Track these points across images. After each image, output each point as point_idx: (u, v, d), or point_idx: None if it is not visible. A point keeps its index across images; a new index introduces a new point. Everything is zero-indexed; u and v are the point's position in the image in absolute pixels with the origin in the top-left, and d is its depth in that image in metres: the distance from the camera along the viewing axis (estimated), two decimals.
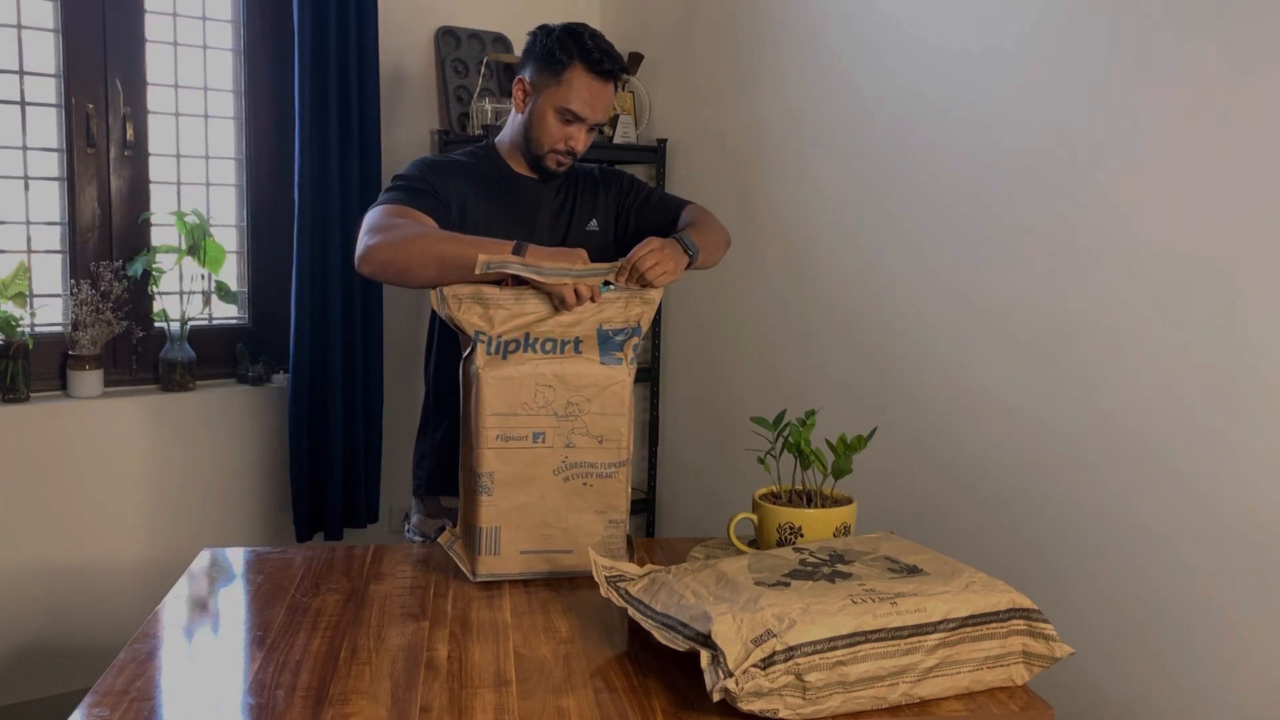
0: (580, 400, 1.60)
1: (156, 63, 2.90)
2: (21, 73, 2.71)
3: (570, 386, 1.60)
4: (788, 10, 2.81)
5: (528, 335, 1.60)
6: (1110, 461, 2.02)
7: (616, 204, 2.07)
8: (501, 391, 1.57)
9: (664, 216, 2.06)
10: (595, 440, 1.61)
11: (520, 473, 1.60)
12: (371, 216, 1.77)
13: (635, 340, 1.66)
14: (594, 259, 1.86)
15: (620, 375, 1.62)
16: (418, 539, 2.07)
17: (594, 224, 2.05)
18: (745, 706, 1.18)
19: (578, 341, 1.62)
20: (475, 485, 1.60)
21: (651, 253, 1.69)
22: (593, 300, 1.63)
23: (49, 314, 2.82)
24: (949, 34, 2.33)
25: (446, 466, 1.98)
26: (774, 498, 1.67)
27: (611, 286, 1.67)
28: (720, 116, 3.08)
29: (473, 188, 1.94)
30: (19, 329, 2.69)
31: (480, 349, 1.59)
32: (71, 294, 2.77)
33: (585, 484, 1.62)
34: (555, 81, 1.89)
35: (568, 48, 1.88)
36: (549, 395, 1.59)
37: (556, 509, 1.62)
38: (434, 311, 1.99)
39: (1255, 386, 1.78)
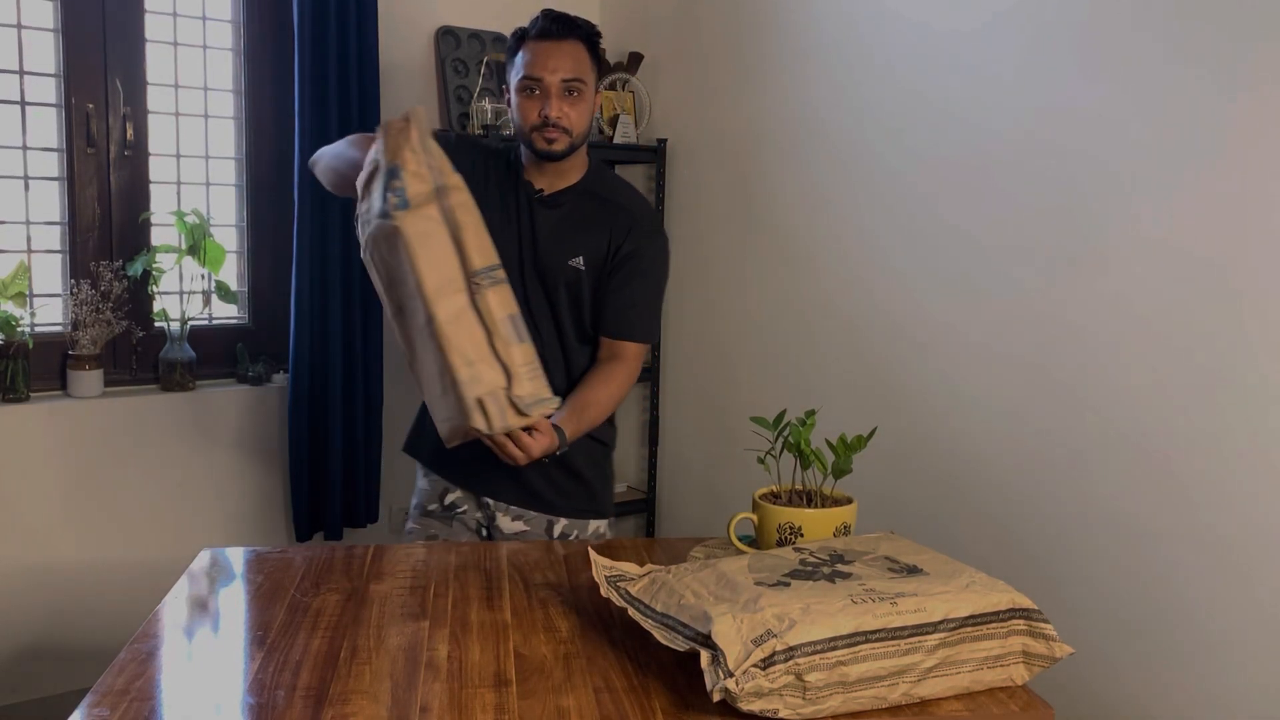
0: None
1: (156, 63, 2.89)
2: (21, 73, 2.71)
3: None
4: (788, 10, 2.81)
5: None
6: (1109, 462, 2.02)
7: (608, 252, 1.95)
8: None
9: (613, 310, 1.96)
10: None
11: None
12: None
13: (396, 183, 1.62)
14: (570, 293, 1.95)
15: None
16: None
17: (579, 261, 1.95)
18: (745, 706, 1.18)
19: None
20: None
21: (523, 451, 1.73)
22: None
23: (49, 314, 2.82)
24: (949, 32, 2.33)
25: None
26: (774, 498, 1.67)
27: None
28: (720, 116, 3.08)
29: (476, 176, 1.92)
30: (19, 329, 2.69)
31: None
32: (71, 294, 2.77)
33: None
34: (513, 65, 1.92)
35: (516, 34, 1.93)
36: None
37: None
38: None
39: (1252, 388, 1.78)
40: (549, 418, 1.76)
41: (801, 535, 1.59)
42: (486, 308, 1.61)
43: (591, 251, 1.95)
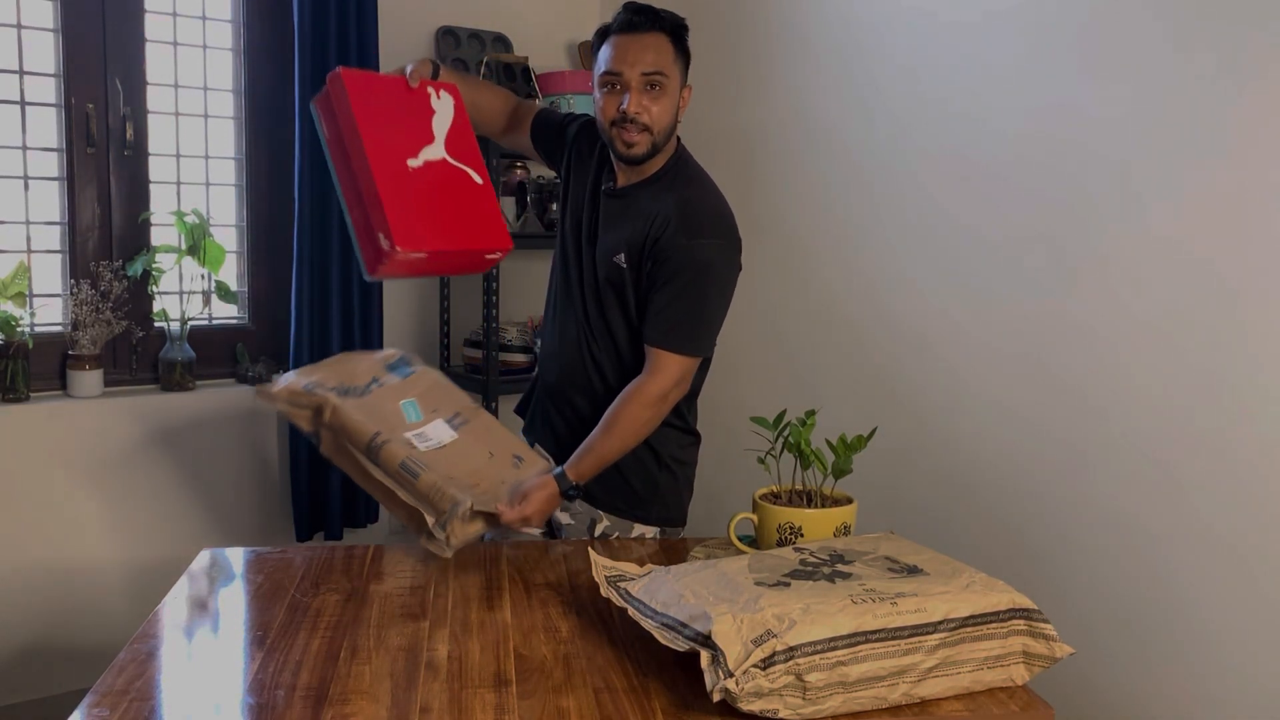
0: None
1: (156, 63, 2.89)
2: (21, 73, 2.71)
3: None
4: (788, 10, 2.81)
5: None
6: (1110, 462, 2.02)
7: (646, 246, 1.86)
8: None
9: (648, 315, 1.86)
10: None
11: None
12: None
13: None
14: (612, 290, 1.93)
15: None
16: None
17: (621, 258, 1.89)
18: (745, 707, 1.18)
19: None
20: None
21: (522, 518, 1.73)
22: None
23: (49, 314, 2.82)
24: (951, 30, 2.33)
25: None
26: (774, 498, 1.67)
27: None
28: (720, 116, 3.08)
29: (575, 160, 2.02)
30: (19, 329, 2.69)
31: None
32: (71, 294, 2.77)
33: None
34: (597, 62, 1.89)
35: (600, 30, 1.90)
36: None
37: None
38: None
39: (1254, 389, 1.78)
40: (551, 471, 1.83)
41: (801, 535, 1.59)
42: (381, 471, 1.70)
43: (631, 247, 1.87)
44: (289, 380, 1.78)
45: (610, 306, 1.93)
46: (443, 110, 1.86)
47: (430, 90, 1.87)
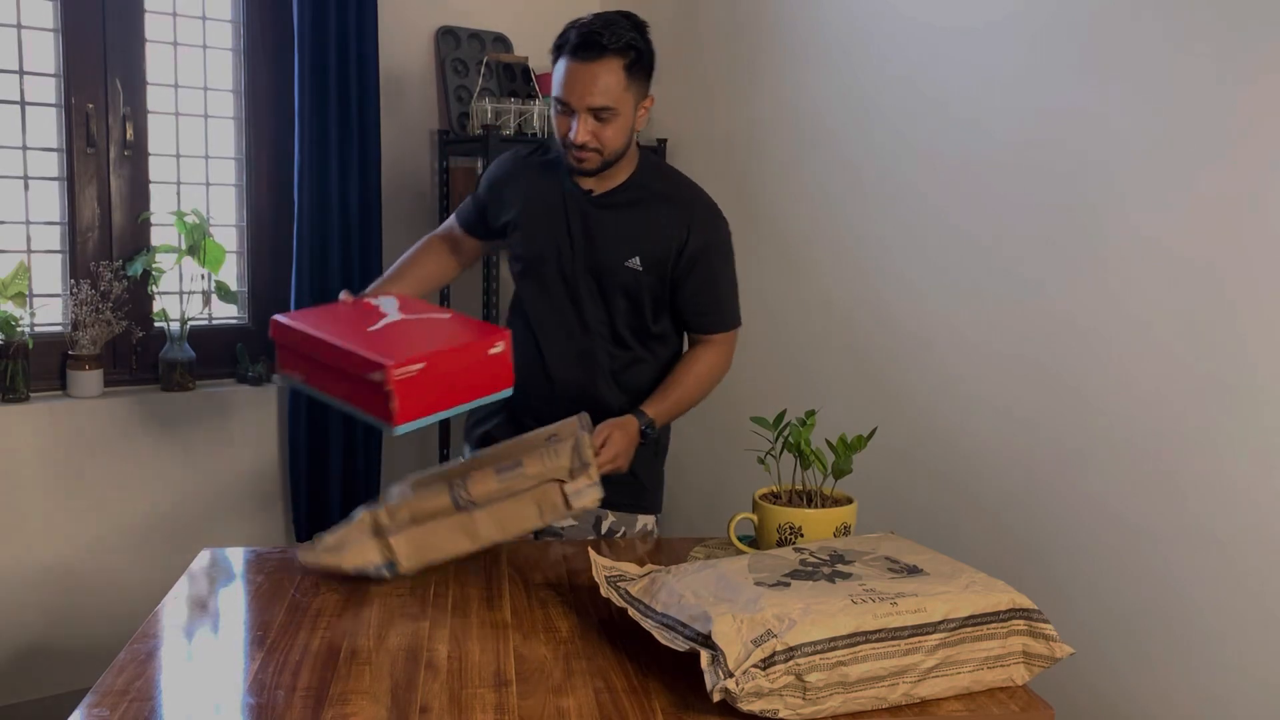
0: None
1: (156, 63, 2.89)
2: (21, 73, 2.71)
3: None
4: (787, 10, 2.81)
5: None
6: (1110, 462, 2.02)
7: (671, 253, 1.92)
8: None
9: (693, 311, 1.97)
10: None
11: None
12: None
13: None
14: (627, 296, 1.94)
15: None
16: None
17: (635, 262, 1.92)
18: (745, 707, 1.18)
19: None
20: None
21: (613, 459, 1.77)
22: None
23: (49, 314, 2.82)
24: (950, 32, 2.33)
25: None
26: (774, 498, 1.67)
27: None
28: (720, 116, 3.08)
29: (523, 200, 1.98)
30: (19, 329, 2.69)
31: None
32: (71, 294, 2.77)
33: None
34: (553, 73, 1.86)
35: (555, 43, 1.86)
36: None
37: None
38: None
39: (1251, 388, 1.78)
40: (637, 415, 1.88)
41: (801, 535, 1.59)
42: (485, 509, 1.66)
43: (649, 253, 1.91)
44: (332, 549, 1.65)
45: (617, 308, 1.95)
46: (387, 302, 1.83)
47: (367, 299, 1.85)
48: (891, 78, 2.49)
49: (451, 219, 2.14)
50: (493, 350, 1.70)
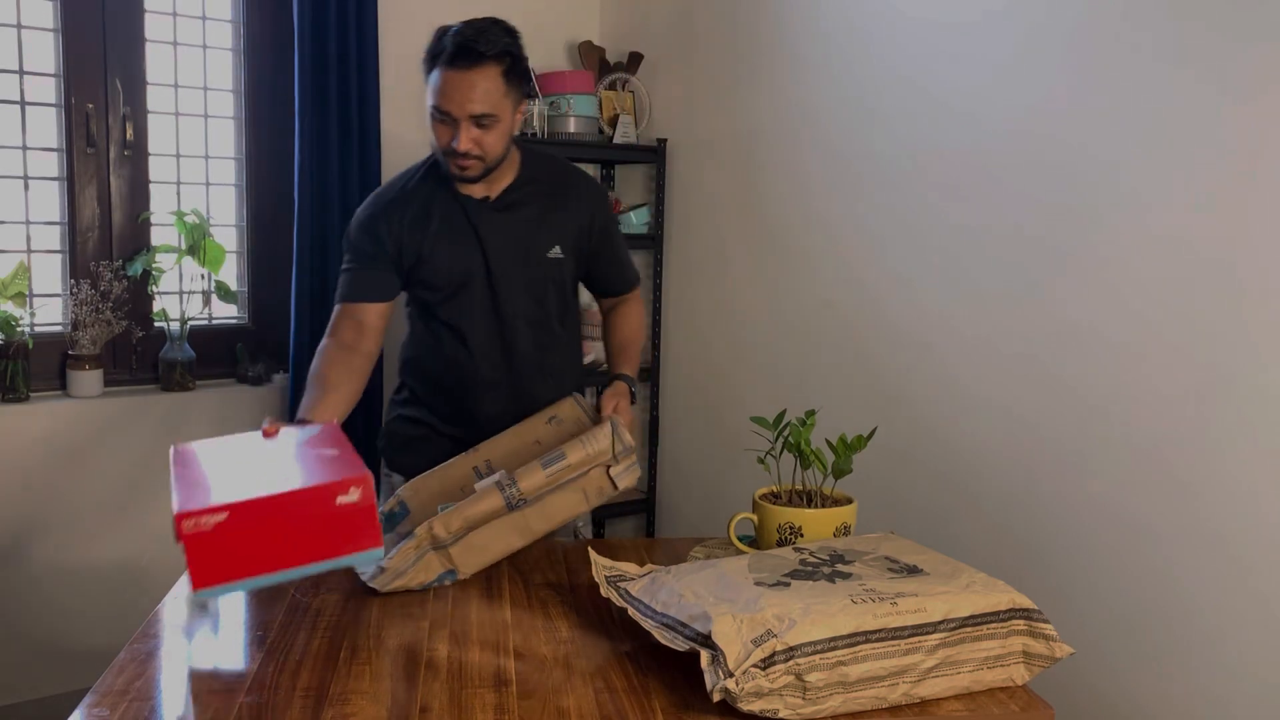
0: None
1: (156, 63, 2.89)
2: (21, 73, 2.71)
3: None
4: (787, 10, 2.81)
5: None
6: (1110, 461, 2.02)
7: (583, 232, 2.00)
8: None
9: (613, 276, 2.12)
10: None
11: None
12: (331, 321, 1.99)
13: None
14: (555, 284, 1.99)
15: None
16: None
17: (557, 250, 1.97)
18: (745, 707, 1.18)
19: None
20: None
21: (628, 423, 1.82)
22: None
23: (49, 314, 2.82)
24: (948, 30, 2.33)
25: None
26: (774, 498, 1.67)
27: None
28: (720, 116, 3.08)
29: (412, 228, 1.93)
30: (19, 329, 2.69)
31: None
32: (71, 294, 2.77)
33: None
34: (427, 82, 1.84)
35: (429, 49, 1.83)
36: None
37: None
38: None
39: (1253, 388, 1.78)
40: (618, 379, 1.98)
41: (801, 535, 1.59)
42: (535, 505, 1.68)
43: (567, 238, 1.99)
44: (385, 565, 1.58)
45: (548, 299, 2.01)
46: (304, 432, 1.58)
47: (288, 426, 1.62)
48: (891, 75, 2.49)
49: (338, 309, 1.98)
50: (343, 499, 1.32)
